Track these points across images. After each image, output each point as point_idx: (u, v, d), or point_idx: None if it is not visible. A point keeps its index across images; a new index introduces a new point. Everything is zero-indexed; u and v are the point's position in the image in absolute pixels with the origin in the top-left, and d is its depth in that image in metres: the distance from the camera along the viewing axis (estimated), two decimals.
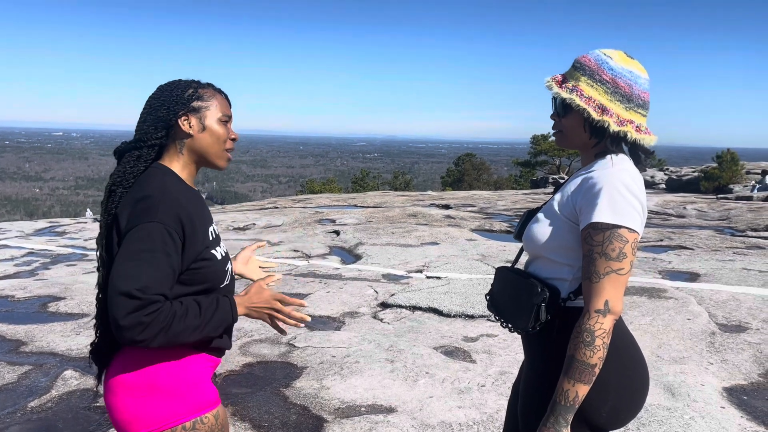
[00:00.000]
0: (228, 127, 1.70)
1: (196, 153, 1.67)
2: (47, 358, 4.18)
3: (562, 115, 1.62)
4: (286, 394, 3.58)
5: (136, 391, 1.53)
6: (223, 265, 1.66)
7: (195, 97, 1.64)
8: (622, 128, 1.54)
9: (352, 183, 42.12)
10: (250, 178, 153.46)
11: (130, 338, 1.38)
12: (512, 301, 1.62)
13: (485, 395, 3.51)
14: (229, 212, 14.40)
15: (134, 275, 1.39)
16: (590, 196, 1.49)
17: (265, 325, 4.86)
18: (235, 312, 1.60)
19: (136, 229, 1.45)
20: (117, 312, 1.37)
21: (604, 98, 1.55)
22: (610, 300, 1.43)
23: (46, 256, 8.56)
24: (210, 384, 1.64)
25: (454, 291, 5.77)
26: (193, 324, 1.48)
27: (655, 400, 3.42)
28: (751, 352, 4.21)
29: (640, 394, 1.58)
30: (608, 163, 1.54)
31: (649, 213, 13.55)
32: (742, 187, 21.20)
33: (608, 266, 1.43)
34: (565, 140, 1.66)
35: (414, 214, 12.63)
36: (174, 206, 1.51)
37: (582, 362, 1.42)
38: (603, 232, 1.45)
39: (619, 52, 1.60)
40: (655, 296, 5.53)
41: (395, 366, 3.94)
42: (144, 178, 1.58)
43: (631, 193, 1.47)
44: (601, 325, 1.43)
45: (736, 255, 7.72)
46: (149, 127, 1.63)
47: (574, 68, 1.61)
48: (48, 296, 5.85)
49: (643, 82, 1.58)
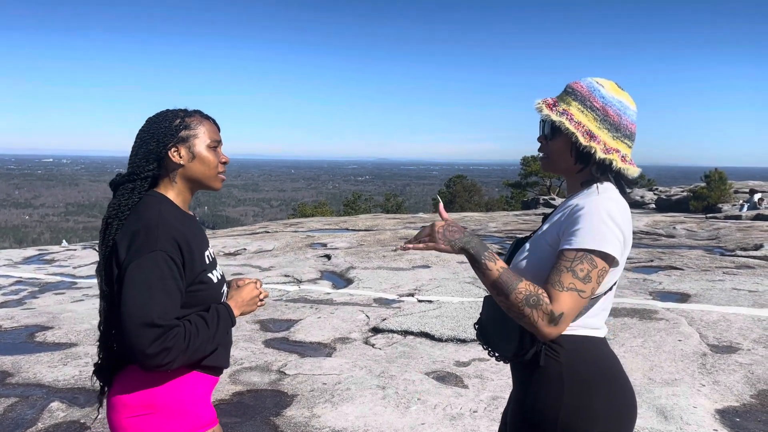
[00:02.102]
0: (218, 151, 1.74)
1: (189, 180, 1.72)
2: (34, 389, 4.11)
3: (549, 138, 1.64)
4: (276, 423, 3.53)
5: (136, 410, 1.58)
6: (219, 288, 1.72)
7: (182, 126, 1.69)
8: (607, 156, 1.56)
9: (344, 206, 42.13)
10: (242, 202, 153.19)
11: (157, 364, 1.46)
12: (499, 329, 1.62)
13: (477, 421, 3.48)
14: (219, 237, 14.35)
15: (151, 304, 1.46)
16: (572, 221, 1.51)
17: (255, 353, 4.82)
18: (233, 315, 1.69)
19: (141, 261, 1.50)
20: (141, 343, 1.43)
21: (593, 125, 1.57)
22: (565, 315, 1.44)
23: (35, 285, 8.48)
24: (208, 403, 1.70)
25: (445, 315, 5.75)
26: (206, 337, 1.57)
27: (648, 423, 3.40)
28: (743, 373, 4.20)
29: (628, 422, 1.57)
30: (594, 191, 1.55)
31: (640, 233, 13.61)
32: (730, 206, 21.38)
33: (573, 283, 1.44)
34: (550, 164, 1.68)
35: (405, 237, 12.63)
36: (171, 232, 1.56)
37: (506, 288, 1.45)
38: (576, 252, 1.46)
39: (611, 82, 1.63)
40: (646, 317, 5.53)
41: (387, 392, 3.91)
42: (140, 208, 1.63)
43: (613, 221, 1.48)
44: (544, 321, 1.43)
45: (725, 275, 7.75)
46: (141, 160, 1.67)
47: (565, 93, 1.64)
48: (35, 326, 5.77)
49: (631, 113, 1.61)
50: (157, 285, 1.48)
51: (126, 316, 1.45)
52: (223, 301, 1.73)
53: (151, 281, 1.48)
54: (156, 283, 1.48)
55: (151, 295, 1.47)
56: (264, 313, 6.10)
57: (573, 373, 1.51)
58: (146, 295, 1.46)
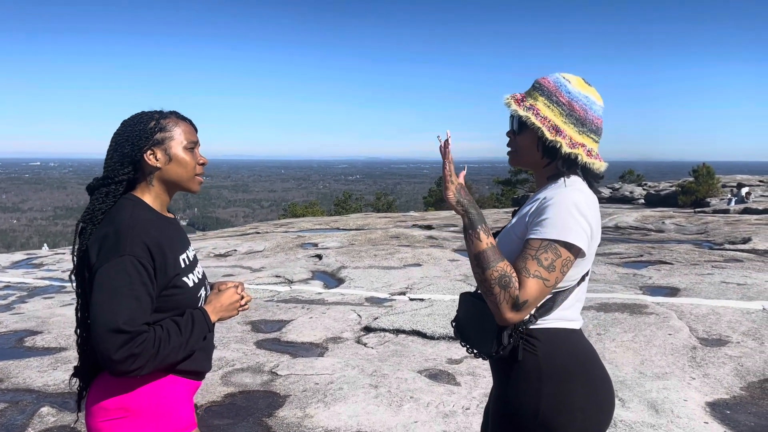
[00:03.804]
0: (195, 152, 1.71)
1: (166, 183, 1.69)
2: (23, 395, 4.07)
3: (517, 132, 1.66)
4: (269, 424, 3.52)
5: (113, 413, 1.56)
6: (196, 292, 1.68)
7: (158, 128, 1.65)
8: (573, 150, 1.58)
9: (335, 205, 42.05)
10: (232, 203, 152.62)
11: (124, 370, 1.42)
12: (476, 326, 1.63)
13: (470, 418, 3.48)
14: (210, 239, 14.29)
15: (118, 310, 1.43)
16: (538, 212, 1.53)
17: (246, 354, 4.80)
18: (209, 321, 1.65)
19: (109, 265, 1.47)
20: (108, 348, 1.40)
21: (559, 120, 1.59)
22: (529, 303, 1.46)
23: (23, 289, 8.40)
24: (186, 408, 1.66)
25: (437, 313, 5.76)
26: (177, 343, 1.53)
27: (639, 417, 3.42)
28: (732, 365, 4.24)
29: (607, 412, 1.60)
30: (561, 184, 1.58)
31: (629, 228, 13.70)
32: (718, 200, 21.57)
33: (538, 271, 1.46)
34: (518, 159, 1.70)
35: (396, 235, 12.63)
36: (142, 236, 1.53)
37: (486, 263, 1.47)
38: (541, 241, 1.48)
39: (578, 78, 1.64)
40: (637, 312, 5.57)
41: (379, 391, 3.91)
42: (113, 212, 1.60)
43: (579, 212, 1.50)
44: (508, 305, 1.45)
45: (714, 268, 7.81)
46: (116, 163, 1.65)
47: (533, 88, 1.66)
48: (24, 330, 5.72)
49: (597, 108, 1.63)
50: (125, 290, 1.45)
51: (94, 322, 1.43)
52: (200, 305, 1.70)
53: (118, 286, 1.45)
54: (123, 289, 1.45)
55: (119, 300, 1.44)
56: (255, 314, 6.08)
57: (550, 365, 1.53)
58: (113, 301, 1.43)
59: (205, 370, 1.74)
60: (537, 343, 1.54)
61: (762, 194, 23.04)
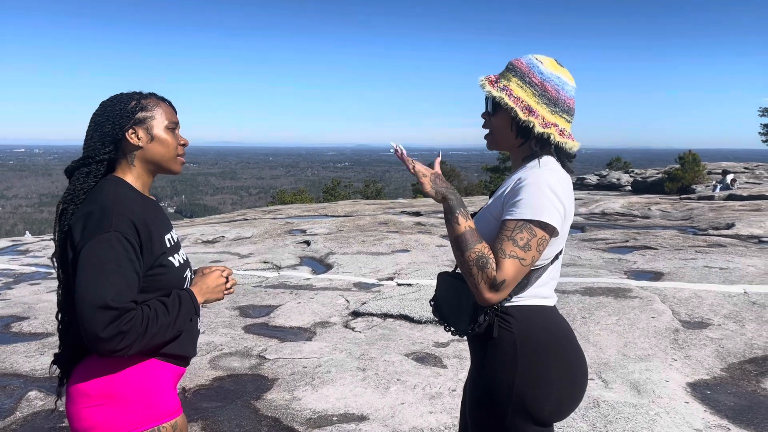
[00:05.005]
0: (176, 133, 1.71)
1: (148, 163, 1.68)
2: (11, 379, 4.07)
3: (492, 114, 1.69)
4: (257, 406, 3.55)
5: (94, 399, 1.53)
6: (181, 273, 1.67)
7: (139, 108, 1.65)
8: (546, 130, 1.61)
9: (323, 193, 41.96)
10: (220, 191, 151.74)
11: (111, 349, 1.39)
12: (453, 304, 1.67)
13: (456, 399, 3.53)
14: (197, 225, 14.24)
15: (105, 286, 1.40)
16: (513, 193, 1.56)
17: (234, 338, 4.82)
18: (196, 302, 1.63)
19: (94, 242, 1.45)
20: (95, 326, 1.37)
21: (532, 100, 1.62)
22: (507, 282, 1.49)
23: (9, 276, 8.35)
24: (171, 393, 1.64)
25: (425, 297, 5.80)
26: (165, 322, 1.50)
27: (621, 397, 3.49)
28: (713, 347, 4.32)
29: (581, 386, 1.64)
30: (535, 165, 1.61)
31: (615, 215, 13.82)
32: (704, 187, 21.77)
33: (514, 251, 1.49)
34: (494, 141, 1.73)
35: (385, 222, 12.66)
36: (127, 214, 1.51)
37: (465, 245, 1.51)
38: (516, 222, 1.51)
39: (550, 59, 1.67)
40: (621, 296, 5.64)
41: (367, 374, 3.95)
42: (96, 191, 1.58)
43: (553, 192, 1.53)
44: (486, 285, 1.48)
45: (698, 253, 7.92)
46: (96, 143, 1.63)
47: (507, 69, 1.68)
48: (11, 316, 5.70)
49: (569, 89, 1.66)
50: (112, 267, 1.42)
51: (80, 300, 1.39)
52: (186, 287, 1.68)
53: (104, 263, 1.42)
54: (110, 265, 1.42)
55: (106, 277, 1.41)
56: (243, 299, 6.10)
57: (526, 341, 1.57)
58: (100, 278, 1.40)
59: (190, 355, 1.71)
60: (512, 320, 1.58)
61: (746, 181, 23.29)
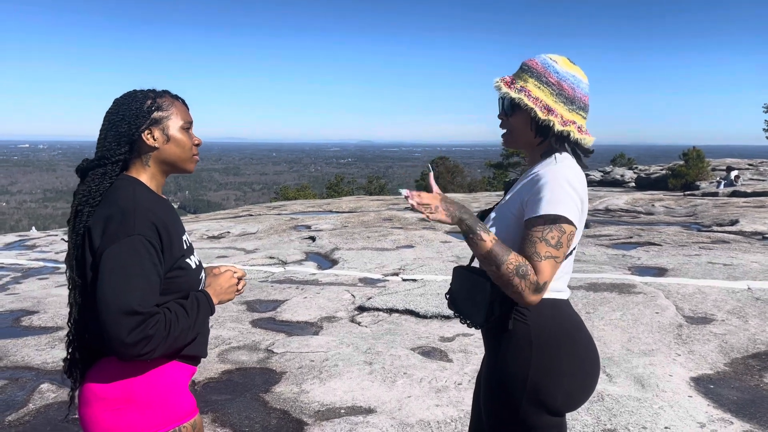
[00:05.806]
0: (190, 132, 1.69)
1: (163, 163, 1.65)
2: (23, 372, 4.13)
3: (509, 114, 1.72)
4: (265, 399, 3.61)
5: (111, 403, 1.51)
6: (197, 275, 1.66)
7: (155, 107, 1.62)
8: (565, 128, 1.65)
9: (327, 189, 42.02)
10: (223, 186, 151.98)
11: (137, 353, 1.39)
12: (468, 298, 1.70)
13: (462, 393, 3.58)
14: (202, 221, 14.31)
15: (130, 291, 1.39)
16: (535, 190, 1.59)
17: (242, 332, 4.88)
18: (212, 303, 1.64)
19: (117, 246, 1.43)
20: (120, 331, 1.36)
21: (550, 99, 1.66)
22: (548, 282, 1.54)
23: (17, 270, 8.42)
24: (187, 393, 1.63)
25: (430, 292, 5.85)
26: (186, 325, 1.50)
27: (626, 391, 3.53)
28: (717, 342, 4.36)
29: (592, 377, 1.68)
30: (552, 161, 1.64)
31: (620, 211, 13.83)
32: (708, 184, 21.73)
33: (549, 251, 1.53)
34: (512, 140, 1.76)
35: (389, 218, 12.70)
36: (148, 216, 1.50)
37: (498, 259, 1.52)
38: (544, 220, 1.55)
39: (563, 58, 1.71)
40: (625, 292, 5.68)
41: (373, 368, 4.00)
42: (112, 192, 1.56)
43: (572, 187, 1.57)
44: (530, 290, 1.51)
45: (702, 250, 7.94)
46: (111, 143, 1.59)
47: (522, 70, 1.72)
48: (21, 310, 5.77)
49: (584, 86, 1.70)
50: (136, 271, 1.41)
51: (103, 305, 1.37)
52: (201, 288, 1.67)
53: (129, 267, 1.41)
54: (134, 269, 1.41)
55: (130, 281, 1.39)
56: (250, 294, 6.15)
57: (540, 334, 1.61)
58: (124, 282, 1.39)
59: (204, 355, 1.71)
60: (528, 313, 1.61)
61: (751, 177, 23.24)
